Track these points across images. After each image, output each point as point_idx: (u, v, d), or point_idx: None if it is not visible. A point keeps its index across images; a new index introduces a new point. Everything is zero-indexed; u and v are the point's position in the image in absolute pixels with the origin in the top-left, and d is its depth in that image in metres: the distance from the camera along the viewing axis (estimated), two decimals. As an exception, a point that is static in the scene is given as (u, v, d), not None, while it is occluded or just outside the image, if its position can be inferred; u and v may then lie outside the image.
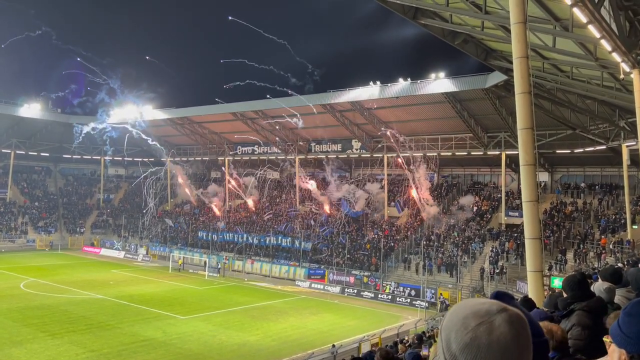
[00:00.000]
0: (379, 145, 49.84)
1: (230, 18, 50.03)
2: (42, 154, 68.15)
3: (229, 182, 60.65)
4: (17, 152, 66.12)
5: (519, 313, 1.30)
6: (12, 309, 31.60)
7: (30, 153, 67.41)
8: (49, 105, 64.24)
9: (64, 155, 69.08)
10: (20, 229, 63.91)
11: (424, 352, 10.40)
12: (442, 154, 46.84)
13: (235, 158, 61.55)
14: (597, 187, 43.38)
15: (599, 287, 4.27)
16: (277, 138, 55.57)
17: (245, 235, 53.84)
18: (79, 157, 69.21)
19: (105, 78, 54.76)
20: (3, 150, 65.43)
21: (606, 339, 1.78)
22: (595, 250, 35.31)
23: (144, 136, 58.89)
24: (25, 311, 31.14)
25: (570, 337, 3.46)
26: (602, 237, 36.36)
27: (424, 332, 19.77)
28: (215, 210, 60.48)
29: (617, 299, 4.23)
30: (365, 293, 40.59)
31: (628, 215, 34.92)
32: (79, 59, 54.74)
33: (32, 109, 61.01)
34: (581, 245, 36.34)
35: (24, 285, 39.31)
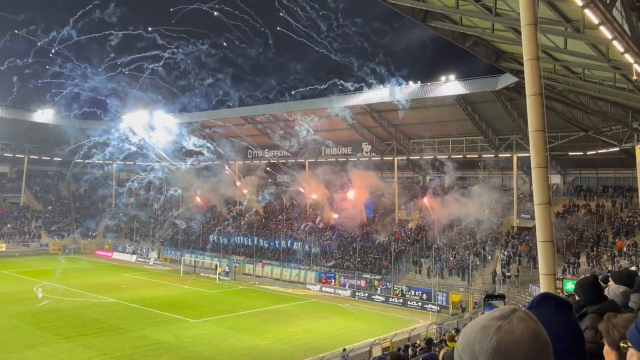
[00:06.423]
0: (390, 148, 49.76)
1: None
2: (55, 158, 68.83)
3: (238, 185, 60.79)
4: (31, 156, 66.94)
5: (526, 310, 1.38)
6: (26, 312, 31.96)
7: (43, 158, 68.21)
8: (62, 111, 64.90)
9: (77, 160, 69.69)
10: (33, 233, 64.60)
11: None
12: (452, 156, 46.62)
13: (246, 162, 61.74)
14: (610, 189, 42.93)
15: (614, 290, 4.21)
16: (287, 142, 55.60)
17: (256, 239, 53.94)
18: (92, 161, 69.74)
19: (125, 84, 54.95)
20: (17, 155, 66.26)
21: (623, 344, 1.72)
22: (608, 253, 34.93)
23: (155, 141, 59.23)
24: (38, 314, 31.48)
25: (584, 340, 3.42)
26: (617, 239, 35.93)
27: (437, 337, 19.66)
28: (225, 212, 60.64)
29: (631, 303, 4.17)
30: (376, 296, 40.46)
31: (642, 218, 34.52)
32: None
33: (45, 115, 61.63)
34: (594, 248, 35.96)
35: (37, 289, 39.70)
